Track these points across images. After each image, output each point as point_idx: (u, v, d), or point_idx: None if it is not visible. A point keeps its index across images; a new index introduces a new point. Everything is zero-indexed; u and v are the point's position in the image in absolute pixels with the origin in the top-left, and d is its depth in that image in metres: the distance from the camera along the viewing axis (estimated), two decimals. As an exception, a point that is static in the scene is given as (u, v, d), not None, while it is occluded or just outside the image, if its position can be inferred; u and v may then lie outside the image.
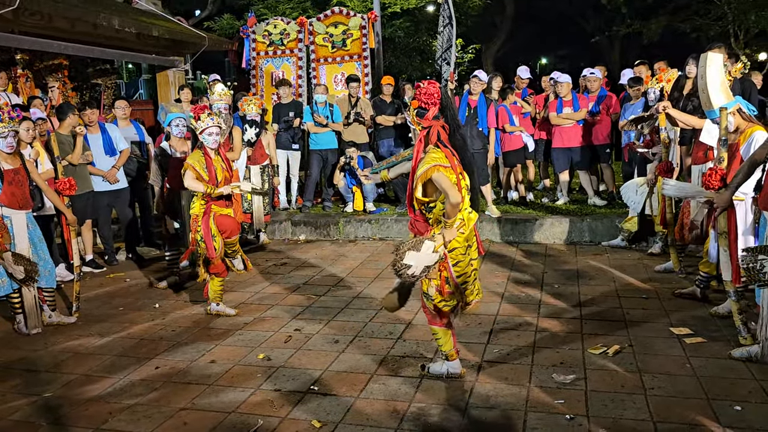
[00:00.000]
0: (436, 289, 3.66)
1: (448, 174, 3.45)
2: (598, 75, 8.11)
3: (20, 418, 3.59)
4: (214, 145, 4.97)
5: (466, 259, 3.65)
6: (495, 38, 23.61)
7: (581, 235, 7.29)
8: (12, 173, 4.84)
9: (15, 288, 4.86)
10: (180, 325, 5.04)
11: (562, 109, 7.95)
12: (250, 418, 3.46)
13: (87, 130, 6.64)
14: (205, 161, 4.94)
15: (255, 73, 10.50)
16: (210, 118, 4.90)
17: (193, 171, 4.89)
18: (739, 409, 3.31)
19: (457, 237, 3.58)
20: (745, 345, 4.00)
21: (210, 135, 4.92)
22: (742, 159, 4.23)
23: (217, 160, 5.02)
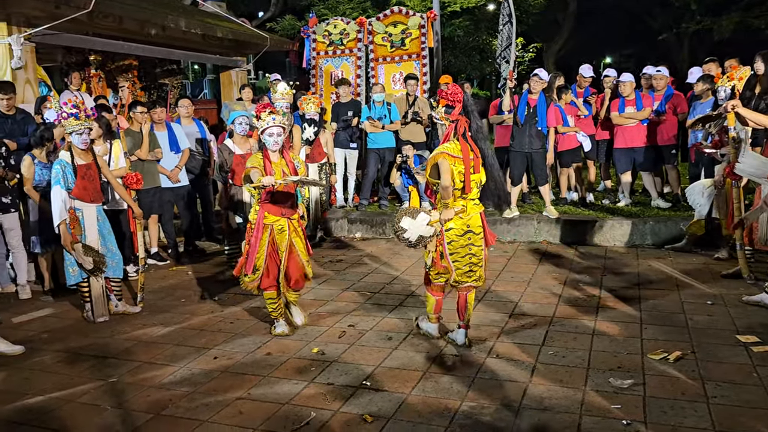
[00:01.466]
0: (432, 260, 4.27)
1: (452, 163, 4.04)
2: (664, 73, 7.84)
3: (87, 401, 3.77)
4: (274, 146, 4.50)
5: (460, 241, 4.19)
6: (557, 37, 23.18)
7: (643, 237, 7.07)
8: (85, 168, 5.07)
9: (84, 277, 5.11)
10: (238, 318, 5.17)
11: (624, 108, 7.73)
12: (303, 410, 3.52)
13: (154, 127, 6.92)
14: (264, 164, 4.47)
15: (315, 73, 10.65)
16: (271, 116, 4.44)
17: (257, 170, 4.43)
18: (810, 422, 3.15)
19: (456, 220, 4.15)
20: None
21: (270, 136, 4.46)
22: None
23: (278, 164, 4.53)
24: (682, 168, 8.29)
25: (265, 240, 4.51)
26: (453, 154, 4.07)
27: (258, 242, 4.50)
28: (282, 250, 4.57)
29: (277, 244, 4.56)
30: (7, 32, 6.46)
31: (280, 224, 4.54)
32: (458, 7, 14.44)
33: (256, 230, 4.49)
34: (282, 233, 4.55)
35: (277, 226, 4.54)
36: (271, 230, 4.52)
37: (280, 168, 4.53)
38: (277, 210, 4.53)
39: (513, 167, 7.70)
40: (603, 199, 8.43)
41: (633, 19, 24.67)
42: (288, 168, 4.57)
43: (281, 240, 4.56)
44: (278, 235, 4.55)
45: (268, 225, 4.51)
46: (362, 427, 3.31)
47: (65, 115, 4.87)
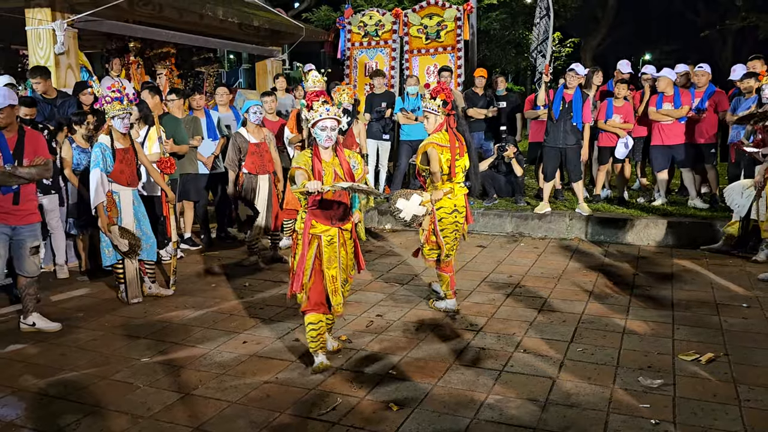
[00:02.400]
0: (425, 238, 4.87)
1: (440, 151, 4.65)
2: (706, 69, 7.66)
3: (120, 378, 3.86)
4: (327, 142, 3.77)
5: (449, 218, 4.80)
6: (595, 32, 22.81)
7: (678, 238, 6.94)
8: (122, 152, 5.18)
9: (119, 259, 5.22)
10: (267, 304, 5.24)
11: (662, 104, 7.58)
12: (330, 396, 3.56)
13: (194, 114, 7.03)
14: (312, 163, 3.79)
15: (349, 64, 10.67)
16: (325, 107, 3.76)
17: (303, 171, 3.77)
18: None
19: (445, 200, 4.75)
20: None
21: (323, 130, 3.75)
22: None
23: (330, 164, 3.83)
24: (721, 168, 8.11)
25: (312, 253, 3.84)
26: (441, 143, 4.67)
27: (305, 256, 3.82)
28: (330, 267, 3.87)
29: (324, 259, 3.85)
30: (51, 18, 6.62)
31: (330, 235, 3.86)
32: (495, 0, 14.30)
33: (303, 241, 3.85)
34: (331, 245, 3.86)
35: (326, 237, 3.85)
36: (319, 242, 3.85)
37: (332, 168, 3.83)
38: (326, 218, 3.86)
39: (546, 163, 7.62)
40: (638, 197, 8.29)
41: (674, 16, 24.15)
42: (342, 168, 3.86)
43: (330, 253, 3.86)
44: (327, 248, 3.85)
45: (315, 236, 3.85)
46: (388, 415, 3.33)
47: (109, 99, 4.98)
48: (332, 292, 3.88)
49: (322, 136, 3.78)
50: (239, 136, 6.33)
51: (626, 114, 7.78)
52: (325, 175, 3.77)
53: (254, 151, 6.27)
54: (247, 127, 6.35)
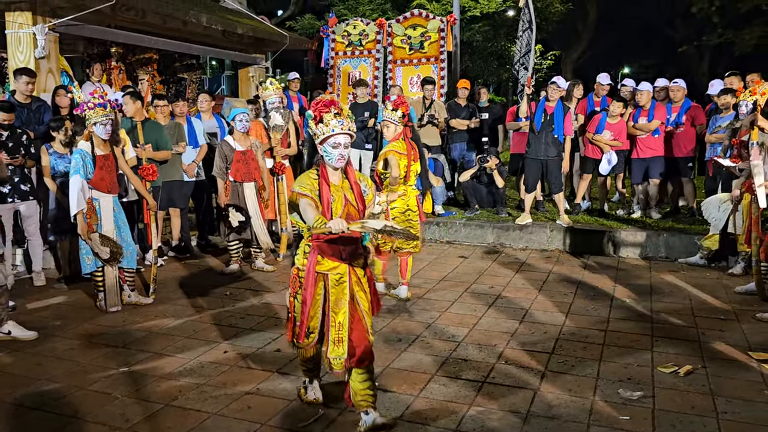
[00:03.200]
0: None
1: (399, 158, 5.25)
2: (681, 84, 7.80)
3: (98, 388, 3.80)
4: (340, 162, 3.21)
5: (401, 217, 5.36)
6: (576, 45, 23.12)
7: (657, 250, 7.03)
8: (103, 159, 5.13)
9: (99, 266, 5.16)
10: (248, 313, 5.20)
11: (638, 119, 7.69)
12: (311, 407, 3.54)
13: (176, 120, 7.00)
14: (319, 187, 3.23)
15: (332, 73, 10.69)
16: (338, 119, 3.17)
17: (308, 198, 3.18)
18: (821, 442, 3.12)
19: (398, 201, 5.36)
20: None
21: (335, 147, 3.17)
22: None
23: (339, 188, 3.27)
24: (698, 182, 8.24)
25: (320, 295, 3.29)
26: (399, 151, 5.30)
27: (311, 298, 3.28)
28: (338, 311, 3.28)
29: (331, 302, 3.28)
30: (33, 22, 6.54)
31: (339, 273, 3.30)
32: (478, 12, 14.43)
33: (306, 281, 3.28)
34: (340, 285, 3.29)
35: (334, 276, 3.29)
36: (325, 281, 3.31)
37: (341, 193, 3.27)
38: (335, 253, 3.28)
39: (528, 174, 7.69)
40: (618, 209, 8.39)
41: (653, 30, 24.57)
42: (352, 193, 3.31)
43: (338, 295, 3.29)
44: (334, 288, 3.28)
45: (321, 274, 3.30)
46: (369, 427, 3.31)
47: (92, 105, 4.93)
48: (335, 342, 3.26)
49: (333, 154, 3.19)
50: (225, 144, 6.31)
51: (618, 132, 7.79)
52: (335, 201, 3.24)
53: (240, 158, 6.26)
54: (233, 135, 6.35)
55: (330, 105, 3.21)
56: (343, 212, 3.24)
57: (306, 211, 3.15)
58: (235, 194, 6.32)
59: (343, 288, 3.30)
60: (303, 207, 3.17)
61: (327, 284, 3.30)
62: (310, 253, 3.29)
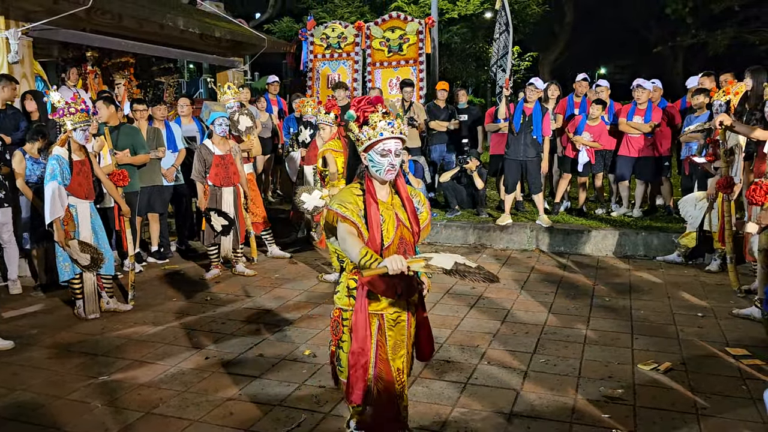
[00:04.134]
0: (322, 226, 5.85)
1: (336, 156, 5.81)
2: (658, 85, 7.90)
3: (77, 398, 3.75)
4: (389, 174, 2.62)
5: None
6: (553, 46, 23.32)
7: (635, 248, 7.11)
8: (80, 164, 5.06)
9: (77, 273, 5.08)
10: (230, 318, 5.16)
11: (633, 117, 7.74)
12: (294, 412, 3.52)
13: (154, 124, 6.94)
14: (365, 206, 2.62)
15: (311, 76, 10.66)
16: (386, 121, 2.62)
17: (349, 224, 2.57)
18: (798, 436, 3.18)
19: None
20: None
21: (384, 155, 2.59)
22: None
23: (389, 206, 2.68)
24: (675, 180, 8.34)
25: (374, 341, 2.68)
26: (336, 149, 5.87)
27: (367, 347, 2.65)
28: (397, 356, 2.74)
29: (388, 347, 2.72)
30: (5, 26, 6.43)
31: (396, 311, 2.73)
32: (456, 14, 14.50)
33: (356, 326, 2.65)
34: (398, 326, 2.73)
35: (390, 315, 2.72)
36: (380, 323, 2.71)
37: (393, 213, 2.68)
38: (390, 288, 2.63)
39: (507, 175, 7.73)
40: (597, 208, 8.47)
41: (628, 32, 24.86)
42: (405, 211, 2.71)
43: (397, 338, 2.73)
44: (392, 331, 2.72)
45: (375, 315, 2.70)
46: (353, 431, 3.30)
47: (73, 110, 4.86)
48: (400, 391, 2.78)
49: (382, 164, 2.59)
50: (204, 148, 6.25)
51: (598, 134, 7.88)
52: (385, 222, 2.62)
53: (219, 163, 6.21)
54: (212, 139, 6.29)
55: (377, 103, 2.65)
56: (395, 236, 2.63)
57: (346, 242, 2.50)
58: (214, 199, 6.27)
59: (401, 329, 2.73)
60: (342, 235, 2.53)
61: (382, 326, 2.70)
62: (358, 291, 2.64)
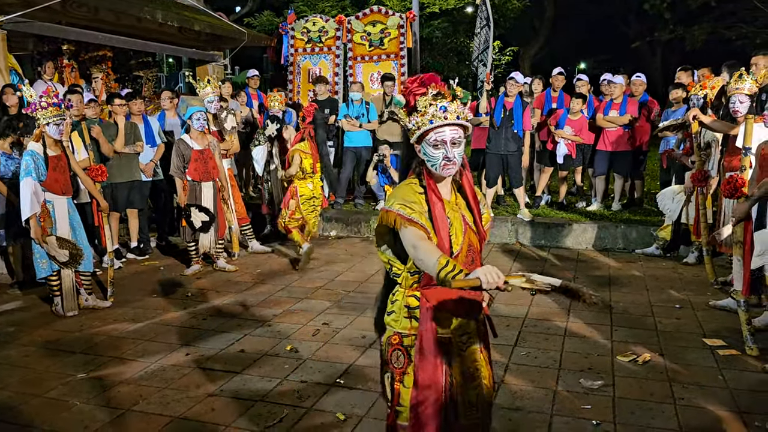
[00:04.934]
0: (289, 214, 6.62)
1: (304, 156, 6.43)
2: (642, 79, 7.92)
3: (56, 396, 3.70)
4: (447, 170, 2.18)
5: (308, 203, 6.63)
6: (533, 41, 23.41)
7: (614, 241, 7.19)
8: (56, 159, 4.99)
9: (54, 270, 5.01)
10: (211, 314, 5.13)
11: (609, 111, 7.81)
12: (276, 407, 3.51)
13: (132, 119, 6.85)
14: (429, 205, 2.19)
15: (292, 70, 10.59)
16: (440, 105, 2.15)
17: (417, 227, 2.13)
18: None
19: (306, 189, 6.61)
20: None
21: (438, 147, 2.15)
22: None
23: (454, 206, 2.26)
24: (653, 174, 8.43)
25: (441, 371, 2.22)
26: (305, 150, 6.45)
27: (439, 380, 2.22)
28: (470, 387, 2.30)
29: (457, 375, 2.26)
30: (-22, 18, 6.31)
31: (467, 332, 2.30)
32: (437, 9, 14.49)
33: (421, 354, 2.22)
34: (469, 350, 2.30)
35: (458, 339, 2.27)
36: (449, 348, 2.24)
37: (459, 215, 2.26)
38: (457, 307, 2.26)
39: (489, 169, 7.76)
40: (577, 202, 8.54)
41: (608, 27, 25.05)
42: (471, 212, 2.29)
43: (468, 365, 2.30)
44: (460, 357, 2.28)
45: (445, 339, 2.24)
46: (335, 426, 3.31)
47: (45, 104, 4.78)
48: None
49: (437, 158, 2.16)
50: (182, 143, 6.19)
51: (579, 128, 7.94)
52: (452, 226, 2.20)
53: (198, 158, 6.16)
54: (190, 134, 6.23)
55: (430, 82, 2.19)
56: (464, 242, 2.22)
57: (419, 249, 2.07)
58: (194, 194, 6.22)
59: (473, 354, 2.29)
60: (413, 242, 2.09)
61: (451, 351, 2.23)
62: (422, 312, 2.21)
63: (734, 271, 4.30)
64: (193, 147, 6.16)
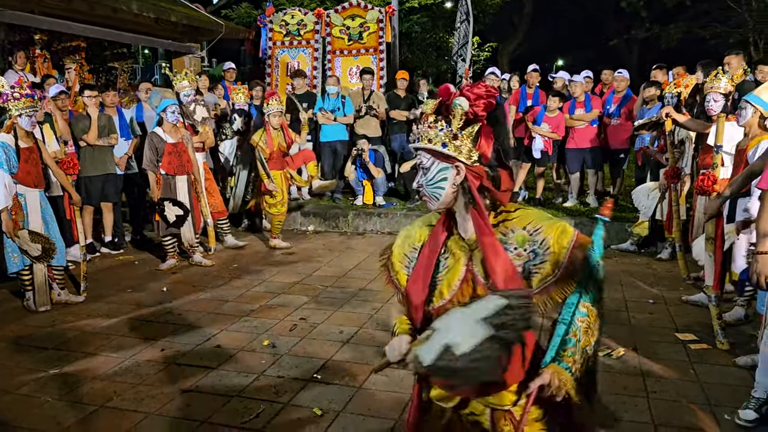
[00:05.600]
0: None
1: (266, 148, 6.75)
2: (625, 75, 7.97)
3: (27, 392, 3.64)
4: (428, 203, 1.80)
5: (277, 196, 6.89)
6: (512, 37, 23.51)
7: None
8: (27, 151, 4.89)
9: (26, 265, 4.92)
10: (187, 309, 5.08)
11: (574, 110, 7.91)
12: (253, 403, 3.49)
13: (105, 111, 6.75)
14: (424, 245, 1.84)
15: (270, 63, 10.51)
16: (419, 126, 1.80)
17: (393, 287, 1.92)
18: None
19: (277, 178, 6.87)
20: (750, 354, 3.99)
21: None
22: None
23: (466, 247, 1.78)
24: (628, 171, 8.54)
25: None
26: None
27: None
28: None
29: None
30: (-54, 6, 6.16)
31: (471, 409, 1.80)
32: (416, 3, 14.45)
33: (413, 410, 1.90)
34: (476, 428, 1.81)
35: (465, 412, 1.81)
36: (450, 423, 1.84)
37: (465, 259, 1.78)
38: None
39: (467, 164, 7.77)
40: (554, 198, 8.61)
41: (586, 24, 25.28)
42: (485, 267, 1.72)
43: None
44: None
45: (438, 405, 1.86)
46: (312, 421, 3.30)
47: (18, 95, 4.69)
48: None
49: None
50: (155, 136, 6.11)
51: (556, 126, 8.00)
52: (448, 271, 1.78)
53: (171, 151, 6.09)
54: (163, 127, 6.14)
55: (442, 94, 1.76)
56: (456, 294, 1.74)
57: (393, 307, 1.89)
58: (168, 188, 6.14)
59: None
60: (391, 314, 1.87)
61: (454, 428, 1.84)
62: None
63: (705, 267, 4.38)
64: (166, 140, 6.09)
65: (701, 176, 4.44)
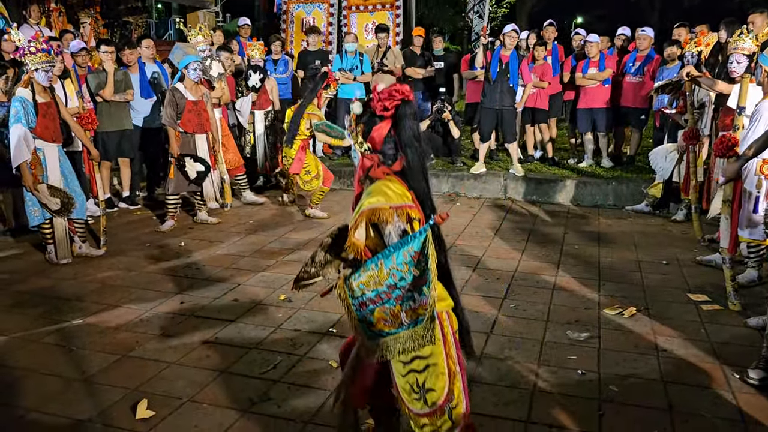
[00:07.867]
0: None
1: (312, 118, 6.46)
2: (648, 33, 7.71)
3: (52, 341, 3.76)
4: None
5: (312, 171, 6.58)
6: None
7: (605, 198, 7.24)
8: (45, 106, 4.93)
9: (47, 218, 5.01)
10: (204, 264, 5.17)
11: (588, 69, 7.78)
12: (270, 355, 3.58)
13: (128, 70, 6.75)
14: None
15: (285, 19, 10.40)
16: None
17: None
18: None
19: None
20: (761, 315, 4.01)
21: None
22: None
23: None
24: (646, 132, 8.44)
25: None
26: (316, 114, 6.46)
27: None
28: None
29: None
30: (-40, -42, 6.12)
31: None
32: (433, -42, 14.18)
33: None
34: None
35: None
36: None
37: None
38: None
39: (483, 123, 7.74)
40: (569, 158, 8.56)
41: (606, -20, 24.64)
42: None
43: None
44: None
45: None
46: (328, 372, 3.39)
47: (34, 49, 4.69)
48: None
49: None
50: (177, 92, 6.06)
51: (542, 73, 7.94)
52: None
53: (192, 108, 6.06)
54: (185, 83, 6.10)
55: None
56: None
57: None
58: (187, 145, 6.15)
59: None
60: None
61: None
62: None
63: (721, 229, 4.37)
64: (187, 97, 6.06)
65: (720, 138, 4.40)
